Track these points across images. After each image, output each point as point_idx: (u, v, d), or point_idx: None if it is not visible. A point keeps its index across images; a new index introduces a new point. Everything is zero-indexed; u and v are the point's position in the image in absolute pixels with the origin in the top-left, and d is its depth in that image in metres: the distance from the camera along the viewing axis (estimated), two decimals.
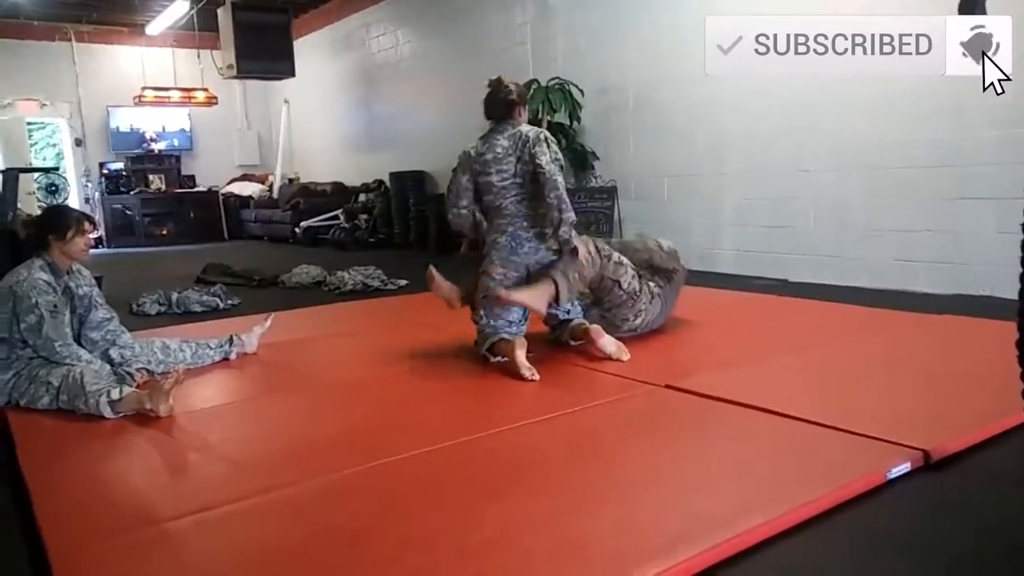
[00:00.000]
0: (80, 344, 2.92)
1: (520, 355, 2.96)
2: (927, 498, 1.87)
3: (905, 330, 3.59)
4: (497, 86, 3.24)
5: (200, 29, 10.10)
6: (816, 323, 3.85)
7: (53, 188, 9.54)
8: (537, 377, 2.89)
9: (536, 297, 3.04)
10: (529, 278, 3.17)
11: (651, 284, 3.44)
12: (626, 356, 3.10)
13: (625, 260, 3.37)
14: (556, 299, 3.08)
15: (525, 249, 3.15)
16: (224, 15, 8.94)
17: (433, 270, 3.42)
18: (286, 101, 11.99)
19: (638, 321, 3.40)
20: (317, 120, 11.54)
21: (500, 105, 3.24)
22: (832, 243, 5.07)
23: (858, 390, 2.65)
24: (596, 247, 3.29)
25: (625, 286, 3.32)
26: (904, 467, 1.95)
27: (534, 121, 6.48)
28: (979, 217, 4.31)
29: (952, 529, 1.73)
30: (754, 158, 5.49)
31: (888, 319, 3.82)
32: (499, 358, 3.08)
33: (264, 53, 9.13)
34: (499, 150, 3.15)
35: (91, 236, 3.04)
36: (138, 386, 2.82)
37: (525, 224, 3.16)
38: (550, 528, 1.70)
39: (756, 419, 2.36)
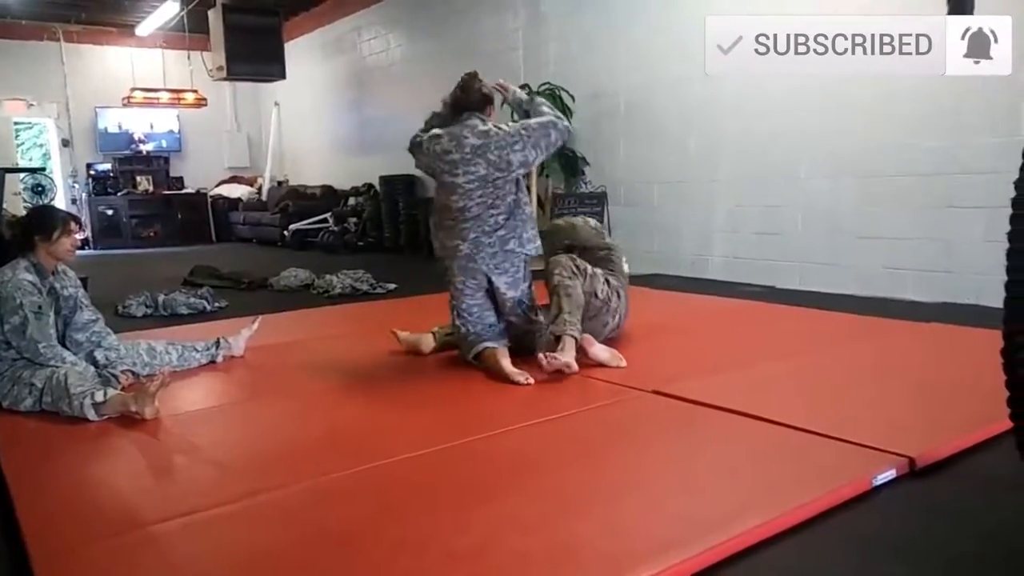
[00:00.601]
0: (65, 346, 2.89)
1: (506, 363, 2.94)
2: (918, 503, 1.88)
3: (893, 337, 3.61)
4: (471, 78, 3.12)
5: (190, 30, 10.07)
6: (804, 330, 3.87)
7: (39, 189, 9.49)
8: (532, 381, 2.87)
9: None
10: (490, 284, 3.11)
11: (610, 280, 3.39)
12: (623, 362, 3.05)
13: (592, 269, 3.33)
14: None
15: (482, 254, 3.06)
16: (215, 17, 8.91)
17: (395, 333, 3.47)
18: (276, 103, 11.95)
19: (615, 320, 3.41)
20: (307, 123, 11.51)
21: (475, 95, 3.10)
22: (822, 250, 5.09)
23: (845, 397, 2.66)
24: (575, 264, 3.24)
25: (600, 294, 3.30)
26: (889, 474, 1.95)
27: None
28: (968, 225, 4.34)
29: (946, 533, 1.73)
30: (746, 164, 5.52)
31: (876, 326, 3.84)
32: (484, 365, 3.07)
33: (254, 55, 9.10)
34: (467, 149, 3.03)
35: (77, 237, 3.02)
36: (123, 388, 2.81)
37: (487, 228, 3.05)
38: (541, 531, 1.70)
39: (743, 425, 2.37)
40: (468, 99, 3.11)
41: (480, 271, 3.09)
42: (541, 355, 2.91)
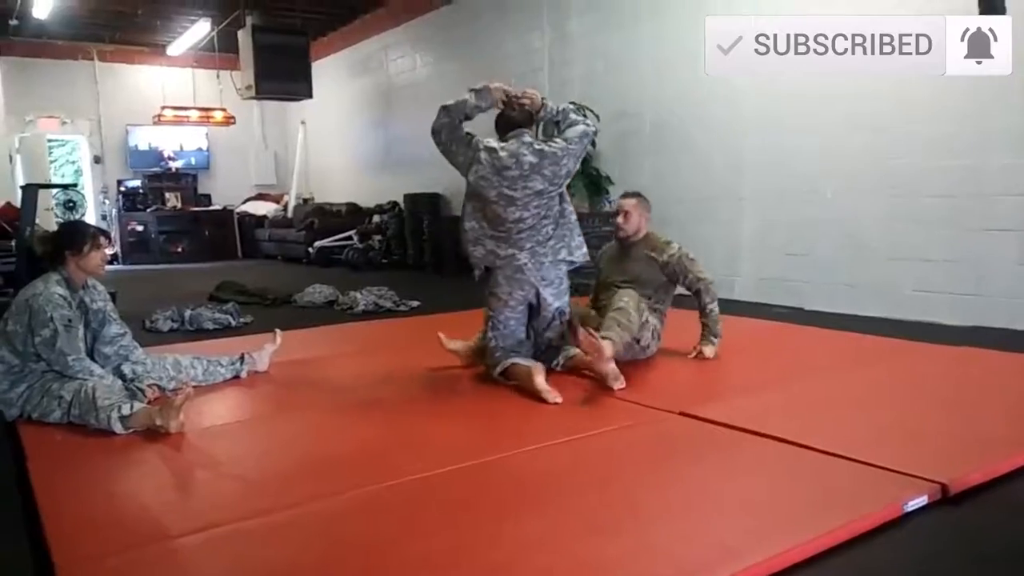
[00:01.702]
0: (93, 359, 2.93)
1: (540, 380, 2.94)
2: (951, 530, 1.83)
3: (924, 360, 3.54)
4: (511, 96, 3.25)
5: (220, 50, 10.26)
6: (833, 352, 3.81)
7: (71, 204, 9.63)
8: (560, 400, 2.86)
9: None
10: (536, 298, 3.16)
11: (656, 328, 3.49)
12: (622, 384, 2.99)
13: (648, 318, 3.38)
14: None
15: (536, 263, 3.15)
16: (244, 37, 9.07)
17: (441, 336, 3.52)
18: (303, 122, 12.11)
19: (642, 356, 3.46)
20: (333, 141, 11.64)
21: (522, 113, 3.24)
22: (850, 271, 5.03)
23: (876, 420, 2.61)
24: (640, 306, 3.29)
25: (641, 342, 3.36)
26: (921, 500, 1.91)
27: None
28: (1000, 248, 4.27)
29: (980, 561, 1.69)
30: (772, 183, 5.48)
31: (907, 349, 3.78)
32: (512, 382, 3.06)
33: (283, 74, 9.24)
34: (526, 167, 3.10)
35: (107, 252, 3.07)
36: (149, 402, 2.83)
37: (540, 239, 3.16)
38: (566, 550, 1.68)
39: (771, 448, 2.33)
40: (516, 117, 3.24)
41: (529, 282, 3.16)
42: (583, 329, 2.96)
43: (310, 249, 9.96)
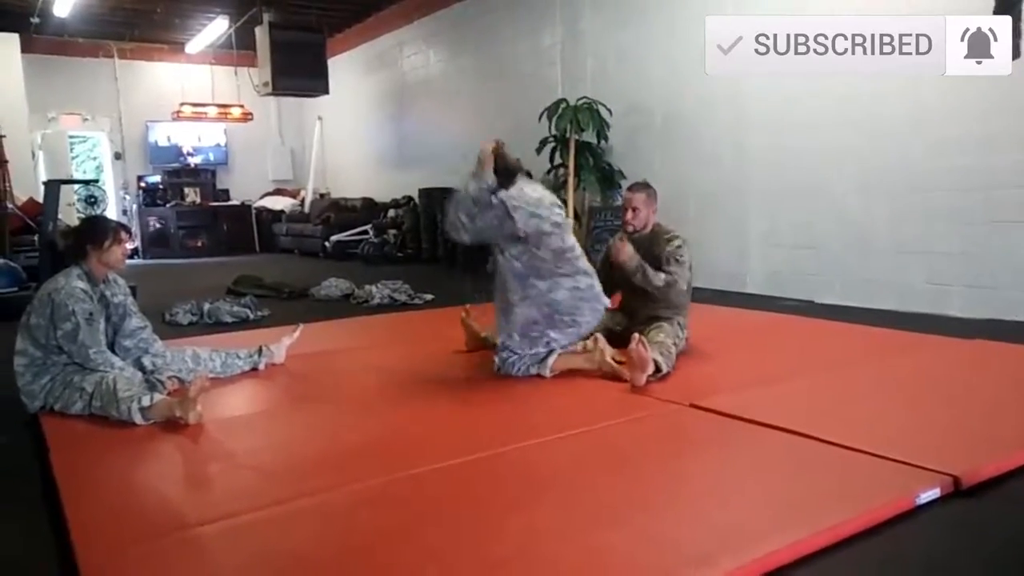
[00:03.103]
0: (114, 352, 2.98)
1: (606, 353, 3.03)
2: (963, 524, 1.83)
3: (936, 353, 3.53)
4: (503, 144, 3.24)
5: (238, 47, 10.34)
6: (844, 345, 3.80)
7: (92, 200, 9.76)
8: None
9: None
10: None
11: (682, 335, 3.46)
12: (642, 380, 2.96)
13: (677, 342, 3.36)
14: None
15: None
16: (261, 34, 9.14)
17: (467, 308, 3.65)
18: (319, 118, 12.18)
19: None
20: (349, 137, 11.70)
21: (514, 158, 3.22)
22: (861, 265, 5.00)
23: (886, 413, 2.61)
24: (674, 343, 3.28)
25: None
26: (933, 493, 1.91)
27: (563, 140, 6.53)
28: (1012, 241, 4.23)
29: (992, 555, 1.69)
30: (781, 178, 5.46)
31: (919, 342, 3.76)
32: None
33: (299, 71, 9.31)
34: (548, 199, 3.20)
35: (127, 246, 3.11)
36: (169, 394, 2.87)
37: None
38: (574, 540, 1.70)
39: (782, 440, 2.33)
40: (511, 163, 3.20)
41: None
42: (640, 338, 2.97)
43: (326, 243, 10.03)
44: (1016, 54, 3.63)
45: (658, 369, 3.01)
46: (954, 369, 3.26)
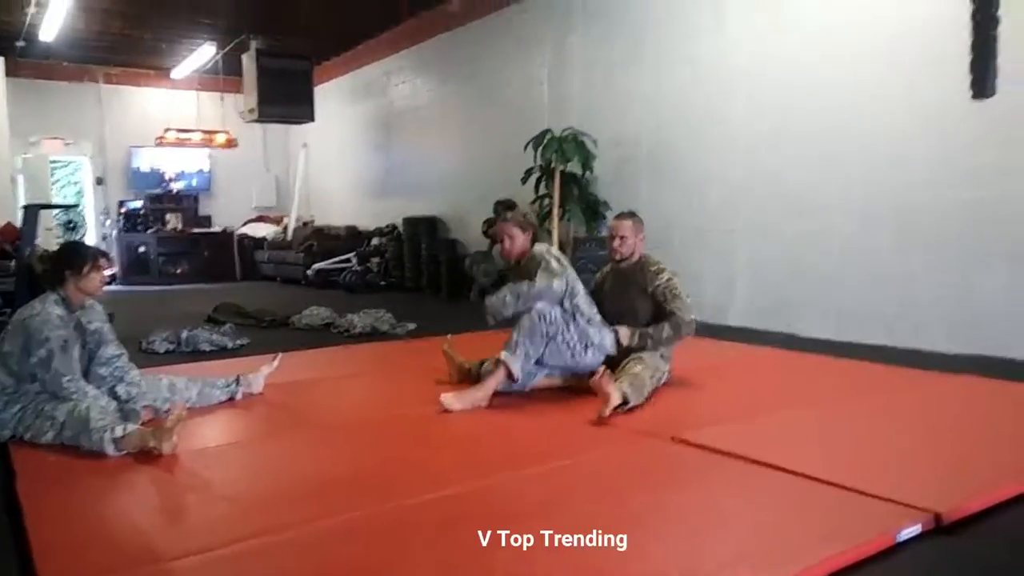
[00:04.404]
0: (88, 380, 2.92)
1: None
2: (944, 561, 1.82)
3: (921, 388, 3.54)
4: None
5: (224, 73, 10.38)
6: (828, 379, 3.81)
7: (72, 225, 9.70)
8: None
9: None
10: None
11: (662, 366, 3.49)
12: (606, 412, 2.94)
13: (665, 371, 3.48)
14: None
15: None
16: (248, 60, 9.19)
17: (449, 339, 3.72)
18: (305, 145, 12.20)
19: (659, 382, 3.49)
20: (334, 164, 11.72)
21: None
22: (846, 299, 5.03)
23: (869, 449, 2.61)
24: (652, 375, 3.32)
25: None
26: (914, 529, 1.90)
27: (548, 170, 6.57)
28: (997, 276, 4.27)
29: None
30: (766, 211, 5.51)
31: (903, 377, 3.78)
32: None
33: (285, 98, 9.35)
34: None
35: (105, 273, 3.08)
36: (143, 423, 2.82)
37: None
38: None
39: (762, 475, 2.32)
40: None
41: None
42: (604, 371, 3.04)
43: (308, 271, 9.99)
44: (991, 91, 3.72)
45: (625, 402, 3.00)
46: (939, 404, 3.27)
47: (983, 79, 3.42)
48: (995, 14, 3.43)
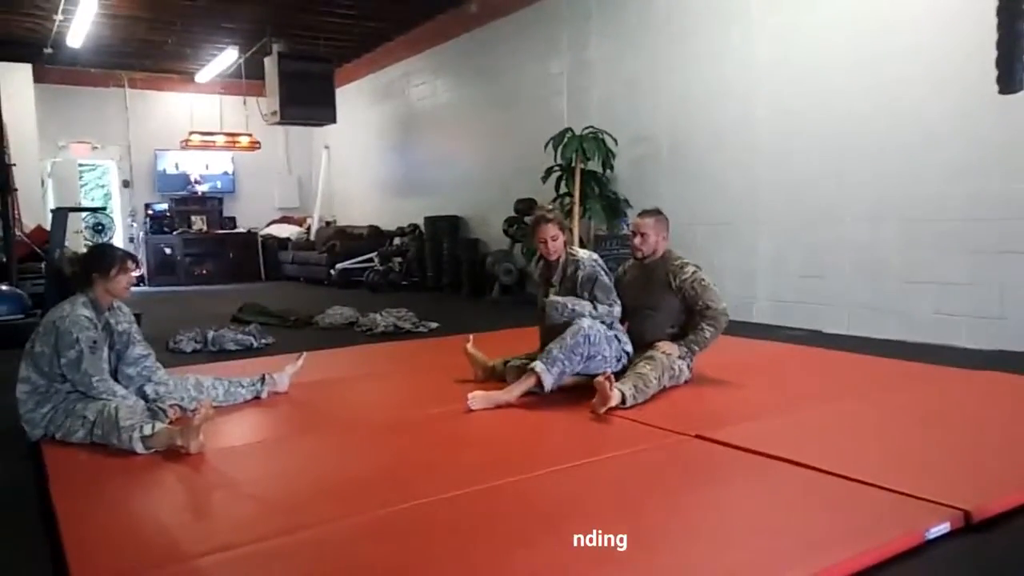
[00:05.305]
0: (116, 380, 2.97)
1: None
2: (974, 559, 1.80)
3: (945, 385, 3.49)
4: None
5: (247, 77, 10.47)
6: (852, 375, 3.77)
7: (100, 227, 9.88)
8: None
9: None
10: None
11: (683, 373, 3.47)
12: (602, 410, 2.97)
13: (682, 367, 3.43)
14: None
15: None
16: (270, 64, 9.26)
17: (471, 338, 3.71)
18: (326, 146, 12.29)
19: (679, 381, 3.47)
20: (356, 165, 11.79)
21: None
22: (868, 294, 4.98)
23: (896, 445, 2.58)
24: (673, 365, 3.34)
25: (666, 385, 3.35)
26: (943, 527, 1.88)
27: (568, 168, 6.56)
28: (1022, 271, 4.21)
29: None
30: (788, 206, 5.46)
31: (927, 373, 3.73)
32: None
33: (307, 100, 9.41)
34: None
35: (133, 275, 3.12)
36: (171, 422, 2.86)
37: None
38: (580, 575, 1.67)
39: (788, 472, 2.30)
40: None
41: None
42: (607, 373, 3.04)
43: (332, 271, 10.06)
44: (1018, 86, 3.64)
45: (623, 401, 3.01)
46: (964, 401, 3.22)
47: (1010, 74, 3.35)
48: (1022, 8, 3.36)
